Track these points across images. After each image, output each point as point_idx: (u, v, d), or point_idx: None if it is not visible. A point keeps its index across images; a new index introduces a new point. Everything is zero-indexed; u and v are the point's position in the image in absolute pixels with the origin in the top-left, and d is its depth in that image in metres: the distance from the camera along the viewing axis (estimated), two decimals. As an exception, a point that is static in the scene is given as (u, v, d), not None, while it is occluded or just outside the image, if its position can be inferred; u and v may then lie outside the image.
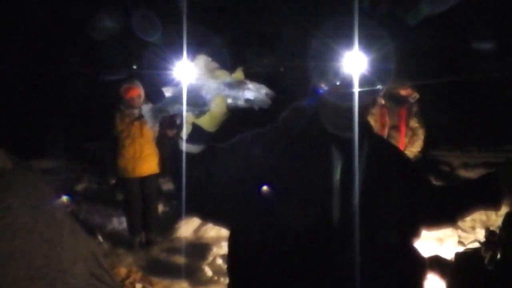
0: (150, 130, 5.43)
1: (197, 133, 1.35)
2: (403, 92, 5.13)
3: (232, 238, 1.66)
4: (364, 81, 1.50)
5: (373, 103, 1.67)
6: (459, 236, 5.72)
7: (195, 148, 1.38)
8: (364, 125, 1.65)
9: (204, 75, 1.29)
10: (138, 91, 5.33)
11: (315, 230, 1.51)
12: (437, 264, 3.75)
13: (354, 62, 1.49)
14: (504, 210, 2.34)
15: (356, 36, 1.47)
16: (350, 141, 1.55)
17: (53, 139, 11.32)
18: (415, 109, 5.19)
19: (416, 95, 5.14)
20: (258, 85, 1.28)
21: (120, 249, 5.63)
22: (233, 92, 1.28)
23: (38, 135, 11.74)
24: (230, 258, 1.68)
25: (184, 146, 1.39)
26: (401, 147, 5.18)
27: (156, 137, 5.51)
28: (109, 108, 5.54)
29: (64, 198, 6.81)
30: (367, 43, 1.50)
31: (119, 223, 6.43)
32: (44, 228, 3.71)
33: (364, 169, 1.57)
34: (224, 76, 1.30)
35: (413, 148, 5.18)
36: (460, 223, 6.24)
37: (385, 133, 5.22)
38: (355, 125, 1.51)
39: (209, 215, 1.64)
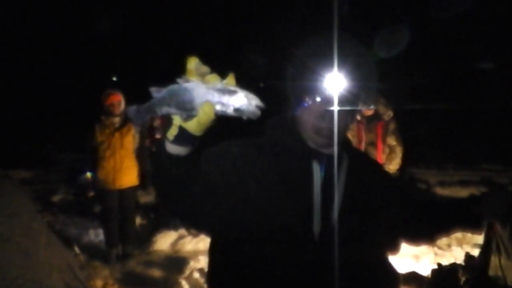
0: (130, 142, 5.41)
1: (183, 135, 1.35)
2: (378, 110, 5.23)
3: (212, 245, 1.67)
4: (344, 100, 1.54)
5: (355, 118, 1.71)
6: (435, 253, 5.77)
7: (181, 150, 1.39)
8: (344, 141, 1.68)
9: (194, 78, 1.28)
10: (118, 98, 5.27)
11: (294, 241, 1.53)
12: (413, 280, 3.80)
13: (334, 81, 1.52)
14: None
15: (336, 56, 1.50)
16: (330, 157, 1.58)
17: (30, 149, 11.22)
18: (392, 126, 5.26)
19: (390, 113, 5.23)
20: (249, 95, 1.28)
21: (97, 262, 5.55)
22: (223, 99, 1.28)
23: (14, 145, 11.61)
24: (211, 263, 1.69)
25: (171, 147, 1.39)
26: (379, 164, 5.26)
27: (136, 149, 5.48)
28: (88, 119, 5.50)
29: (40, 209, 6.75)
30: (347, 63, 1.53)
31: (96, 235, 6.36)
32: (20, 238, 3.66)
33: (343, 183, 1.60)
34: (215, 80, 1.30)
35: (390, 165, 5.23)
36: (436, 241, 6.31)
37: (362, 148, 5.29)
38: (335, 143, 1.54)
39: (188, 216, 1.64)
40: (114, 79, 18.25)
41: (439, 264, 3.66)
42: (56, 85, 15.12)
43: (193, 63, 1.29)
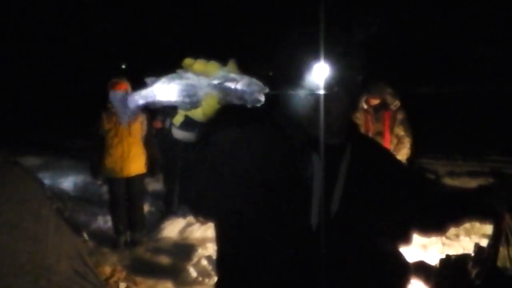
0: (138, 129, 5.41)
1: (189, 122, 1.35)
2: (385, 99, 5.20)
3: (217, 232, 1.67)
4: (335, 88, 1.52)
5: (356, 107, 1.69)
6: (443, 243, 5.76)
7: (188, 135, 1.38)
8: (348, 128, 1.66)
9: (195, 70, 1.27)
10: (124, 86, 5.26)
11: (293, 232, 1.52)
12: (421, 269, 3.79)
13: (322, 70, 1.50)
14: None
15: (322, 46, 1.48)
16: (331, 147, 1.56)
17: (40, 136, 11.27)
18: (400, 116, 5.22)
19: (397, 103, 5.19)
20: (252, 81, 1.26)
21: (105, 248, 5.61)
22: (225, 89, 1.26)
23: (25, 132, 11.68)
24: (218, 251, 1.69)
25: (178, 133, 1.39)
26: (386, 154, 5.23)
27: (143, 136, 5.48)
28: (96, 107, 5.51)
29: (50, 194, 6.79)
30: (335, 52, 1.51)
31: (105, 221, 6.40)
32: (29, 224, 3.69)
33: (344, 175, 1.58)
34: (215, 69, 1.28)
35: (398, 156, 5.19)
36: (444, 231, 6.29)
37: None
38: (321, 135, 1.52)
39: (195, 202, 1.65)
40: (123, 66, 18.28)
41: (447, 255, 3.64)
42: (66, 72, 15.17)
43: (189, 62, 1.28)
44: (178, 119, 1.35)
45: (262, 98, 1.27)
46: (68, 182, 8.45)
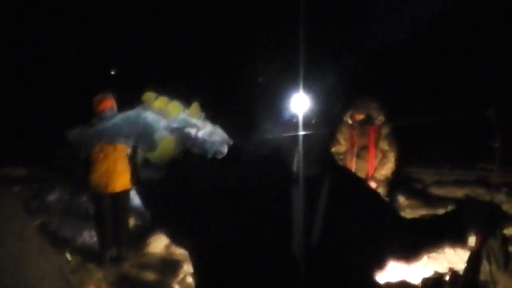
0: (123, 145, 5.39)
1: (149, 164, 1.35)
2: (370, 114, 5.24)
3: (194, 263, 1.67)
4: (314, 122, 1.54)
5: (334, 138, 1.71)
6: (428, 257, 5.78)
7: (152, 175, 1.39)
8: (326, 161, 1.68)
9: (154, 111, 1.25)
10: (110, 102, 5.26)
11: (275, 264, 1.53)
12: (404, 289, 3.80)
13: (302, 104, 1.52)
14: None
15: (302, 78, 1.50)
16: (310, 180, 1.58)
17: (27, 145, 11.17)
18: (385, 131, 5.25)
19: (382, 118, 5.22)
20: (215, 131, 1.24)
21: (90, 264, 5.58)
22: (184, 135, 1.24)
23: (10, 142, 11.56)
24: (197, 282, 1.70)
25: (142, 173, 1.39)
26: (371, 169, 5.25)
27: (129, 152, 5.47)
28: (84, 116, 5.48)
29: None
30: (315, 85, 1.53)
31: (90, 236, 6.36)
32: (13, 244, 3.66)
33: (323, 207, 1.60)
34: (177, 110, 1.26)
35: (382, 170, 5.23)
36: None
37: (354, 152, 5.29)
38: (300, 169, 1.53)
39: (174, 235, 1.66)
40: (112, 72, 18.17)
41: (424, 278, 3.66)
42: (54, 79, 15.06)
43: (150, 96, 1.28)
44: (139, 160, 1.35)
45: (224, 150, 1.24)
46: (54, 195, 8.37)
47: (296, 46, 1.53)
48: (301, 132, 1.53)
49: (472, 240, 1.77)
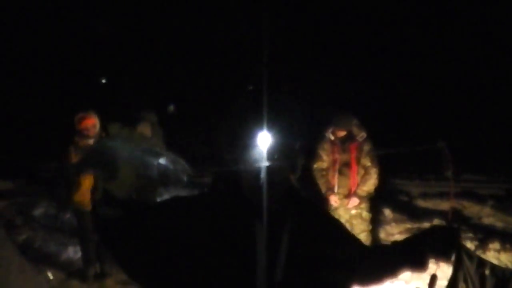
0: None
1: (108, 198, 1.36)
2: (351, 131, 5.28)
3: None
4: (277, 157, 1.57)
5: (296, 170, 1.74)
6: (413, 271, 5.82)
7: (109, 213, 1.40)
8: (289, 195, 1.70)
9: (117, 138, 1.28)
10: (93, 121, 5.19)
11: None
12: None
13: (265, 139, 1.55)
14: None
15: (266, 114, 1.53)
16: (273, 214, 1.60)
17: (11, 159, 11.11)
18: (367, 147, 5.29)
19: (364, 134, 5.27)
20: (176, 160, 1.28)
21: (74, 281, 5.57)
22: (146, 163, 1.27)
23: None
24: None
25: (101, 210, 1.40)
26: (353, 185, 5.29)
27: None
28: (63, 139, 5.46)
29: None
30: (278, 120, 1.57)
31: (75, 252, 6.33)
32: (-9, 267, 3.65)
33: (287, 241, 1.62)
34: (140, 139, 1.29)
35: (364, 187, 5.26)
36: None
37: (336, 169, 5.33)
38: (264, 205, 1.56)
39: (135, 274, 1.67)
40: (104, 81, 18.15)
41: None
42: (39, 91, 15.00)
43: (114, 128, 1.31)
44: (98, 196, 1.38)
45: (185, 179, 1.28)
46: (39, 209, 8.34)
47: (260, 86, 1.56)
48: (264, 164, 1.56)
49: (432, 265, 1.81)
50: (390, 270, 1.85)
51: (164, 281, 1.59)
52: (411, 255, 1.78)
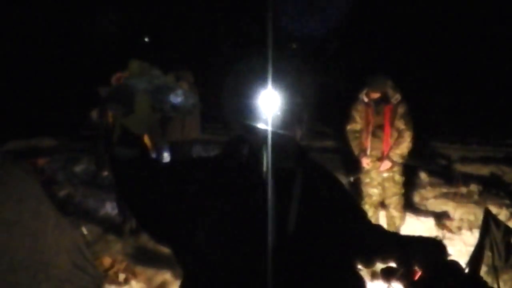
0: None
1: (126, 135, 1.38)
2: (386, 93, 5.17)
3: (176, 254, 1.73)
4: (283, 118, 1.57)
5: (304, 130, 1.73)
6: (444, 236, 5.77)
7: (130, 152, 1.43)
8: (298, 154, 1.71)
9: (136, 75, 1.31)
10: (126, 75, 5.27)
11: (250, 255, 1.57)
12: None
13: (270, 100, 1.54)
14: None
15: (271, 73, 1.51)
16: (284, 172, 1.61)
17: (55, 117, 11.40)
18: (401, 110, 5.17)
19: (398, 96, 5.15)
20: (187, 93, 1.29)
21: (111, 236, 5.75)
22: (160, 96, 1.29)
23: (39, 113, 11.82)
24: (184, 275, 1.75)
25: (118, 151, 1.43)
26: (386, 148, 5.22)
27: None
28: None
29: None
30: (283, 80, 1.55)
31: (113, 208, 6.53)
32: (28, 221, 3.82)
33: (298, 198, 1.63)
34: (157, 77, 1.31)
35: (397, 150, 5.18)
36: (447, 223, 6.29)
37: (369, 131, 5.27)
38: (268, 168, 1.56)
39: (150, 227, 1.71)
40: (146, 39, 18.29)
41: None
42: (84, 52, 15.26)
43: (134, 64, 1.32)
44: (117, 133, 1.40)
45: (194, 110, 1.30)
46: (80, 166, 8.59)
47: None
48: (269, 123, 1.56)
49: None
50: (383, 253, 1.81)
51: (173, 233, 1.64)
52: (400, 254, 1.74)
